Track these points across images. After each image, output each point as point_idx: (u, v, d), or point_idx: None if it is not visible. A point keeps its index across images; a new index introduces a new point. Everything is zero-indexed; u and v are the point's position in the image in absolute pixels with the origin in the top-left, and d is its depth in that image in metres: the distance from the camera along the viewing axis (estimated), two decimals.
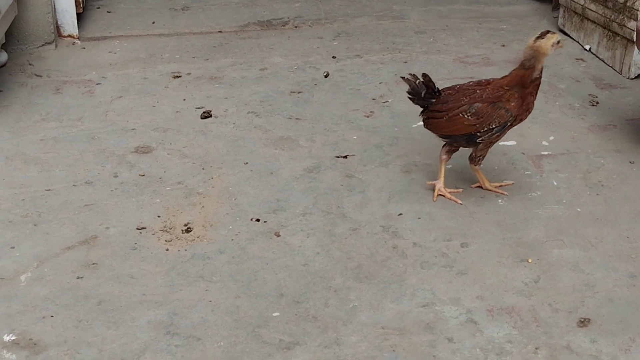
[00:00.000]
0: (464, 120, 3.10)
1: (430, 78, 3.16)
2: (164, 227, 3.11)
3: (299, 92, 4.31)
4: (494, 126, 3.10)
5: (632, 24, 4.29)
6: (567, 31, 5.04)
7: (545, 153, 3.67)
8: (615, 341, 2.62)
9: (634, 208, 3.25)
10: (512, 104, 3.09)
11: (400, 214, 3.21)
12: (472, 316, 2.72)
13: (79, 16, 5.04)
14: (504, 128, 3.12)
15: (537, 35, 3.08)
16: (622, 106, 4.15)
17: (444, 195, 3.30)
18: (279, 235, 3.08)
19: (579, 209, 3.24)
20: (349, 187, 3.40)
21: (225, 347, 2.59)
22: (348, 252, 3.00)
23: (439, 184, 3.30)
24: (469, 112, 3.09)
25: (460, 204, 3.26)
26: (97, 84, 4.39)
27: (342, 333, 2.66)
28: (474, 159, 3.26)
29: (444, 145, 3.26)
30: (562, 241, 3.05)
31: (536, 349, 2.61)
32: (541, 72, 3.09)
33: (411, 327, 2.69)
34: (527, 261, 2.95)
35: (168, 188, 3.36)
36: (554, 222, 3.17)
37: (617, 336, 2.65)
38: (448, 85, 3.28)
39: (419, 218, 3.19)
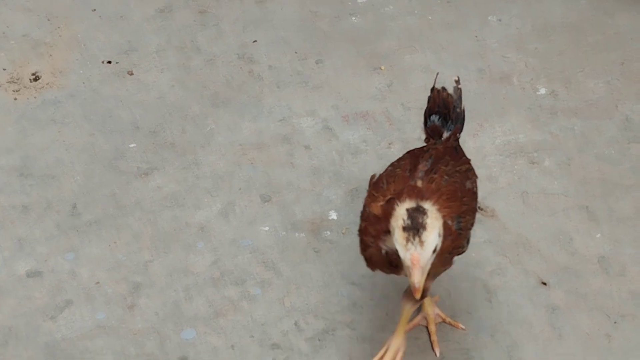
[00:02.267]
0: None
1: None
2: (11, 79, 3.00)
3: None
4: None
5: None
6: None
7: None
8: (464, 128, 2.72)
9: (482, 11, 3.29)
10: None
11: (255, 41, 3.18)
12: (327, 124, 2.77)
13: None
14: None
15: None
16: None
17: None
18: (132, 74, 3.01)
19: (430, 17, 3.27)
20: (202, 22, 3.33)
21: (82, 181, 2.57)
22: (204, 82, 2.97)
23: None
24: None
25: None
26: None
27: (200, 155, 2.67)
28: None
29: None
30: (414, 47, 3.09)
31: (389, 144, 2.68)
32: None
33: (269, 141, 2.72)
34: (380, 69, 2.99)
35: (12, 42, 3.21)
36: (406, 31, 3.19)
37: (466, 124, 2.69)
38: None
39: (274, 43, 3.17)
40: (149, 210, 2.48)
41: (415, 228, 1.68)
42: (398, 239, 1.71)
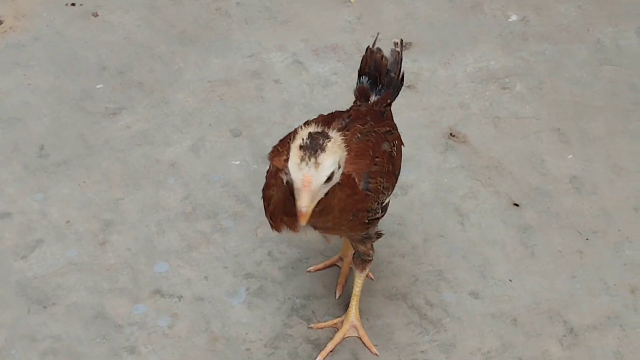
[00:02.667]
0: None
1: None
2: None
3: None
4: None
5: None
6: None
7: None
8: (435, 58, 2.70)
9: None
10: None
11: None
12: (297, 58, 2.73)
13: None
14: None
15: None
16: None
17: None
18: (96, 16, 2.95)
19: None
20: None
21: (49, 122, 2.53)
22: (170, 21, 2.92)
23: None
24: None
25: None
26: None
27: (168, 93, 2.63)
28: None
29: None
30: None
31: None
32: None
33: (238, 77, 2.68)
34: (350, 1, 2.95)
35: None
36: None
37: (437, 54, 2.72)
38: None
39: None
40: (118, 149, 2.45)
41: (313, 149, 1.54)
42: (292, 158, 1.55)
